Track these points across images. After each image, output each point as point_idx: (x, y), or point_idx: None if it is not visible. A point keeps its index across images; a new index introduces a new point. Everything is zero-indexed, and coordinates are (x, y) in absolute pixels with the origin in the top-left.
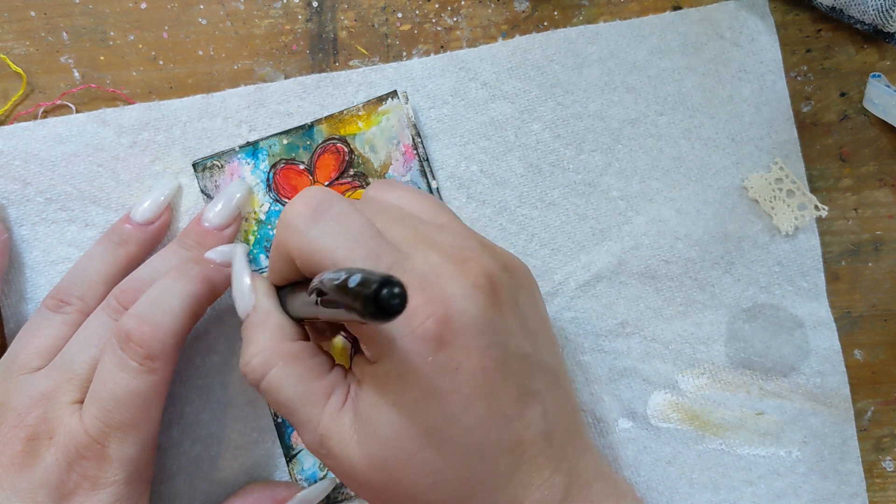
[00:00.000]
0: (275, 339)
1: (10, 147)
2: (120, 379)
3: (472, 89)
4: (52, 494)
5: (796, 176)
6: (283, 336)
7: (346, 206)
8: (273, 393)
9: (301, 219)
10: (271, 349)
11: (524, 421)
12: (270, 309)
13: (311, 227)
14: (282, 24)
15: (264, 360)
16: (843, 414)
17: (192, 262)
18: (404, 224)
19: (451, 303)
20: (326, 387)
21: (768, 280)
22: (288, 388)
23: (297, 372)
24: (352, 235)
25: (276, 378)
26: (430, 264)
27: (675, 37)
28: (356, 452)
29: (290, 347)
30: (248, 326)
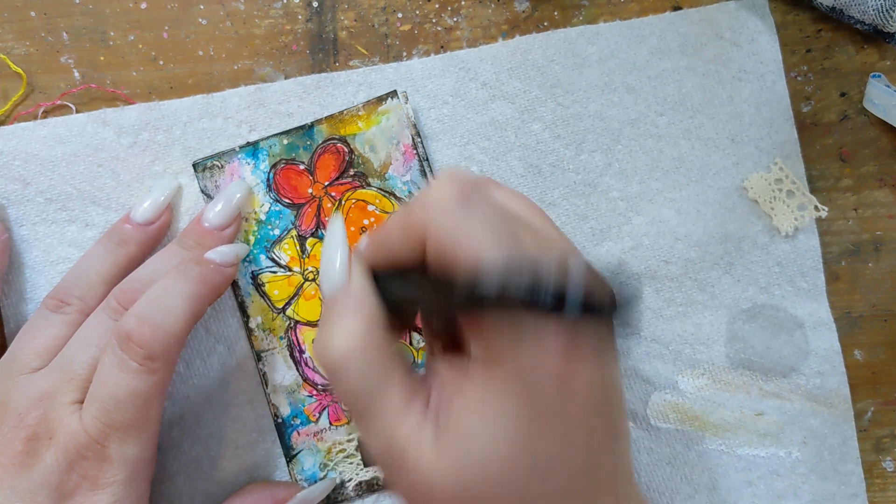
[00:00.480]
0: (365, 325)
1: (10, 147)
2: (120, 379)
3: (473, 89)
4: (52, 494)
5: (796, 176)
6: (374, 322)
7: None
8: (348, 381)
9: (450, 201)
10: (358, 333)
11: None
12: (366, 290)
13: (459, 213)
14: (282, 25)
15: (349, 346)
16: (843, 414)
17: (192, 263)
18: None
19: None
20: (409, 388)
21: (768, 280)
22: (368, 378)
23: (381, 363)
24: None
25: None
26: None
27: (676, 37)
28: (437, 466)
29: (380, 335)
30: (335, 306)
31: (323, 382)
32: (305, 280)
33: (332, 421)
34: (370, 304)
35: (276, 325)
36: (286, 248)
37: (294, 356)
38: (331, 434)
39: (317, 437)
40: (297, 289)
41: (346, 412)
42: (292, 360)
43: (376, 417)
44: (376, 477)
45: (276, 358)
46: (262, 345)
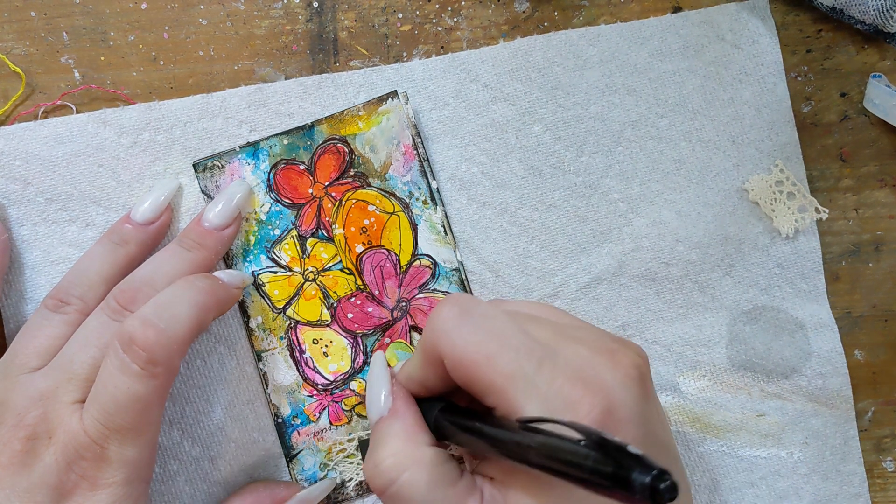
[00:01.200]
0: (410, 443)
1: (10, 147)
2: (121, 382)
3: (473, 91)
4: (51, 494)
5: (797, 178)
6: (420, 440)
7: (489, 307)
8: (404, 498)
9: (450, 319)
10: (407, 452)
11: None
12: (410, 411)
13: (461, 326)
14: (282, 25)
15: (398, 462)
16: (845, 415)
17: (202, 275)
18: (541, 324)
19: (612, 394)
20: (461, 493)
21: (768, 282)
22: (422, 493)
23: (430, 478)
24: (500, 331)
25: (409, 482)
26: (582, 357)
27: (676, 39)
28: None
29: (426, 452)
30: (382, 428)
31: (323, 382)
32: (305, 280)
33: (333, 421)
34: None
35: (277, 325)
36: (286, 248)
37: (294, 356)
38: (331, 434)
39: (317, 436)
40: (297, 289)
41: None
42: (292, 360)
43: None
44: None
45: (276, 358)
46: (263, 345)
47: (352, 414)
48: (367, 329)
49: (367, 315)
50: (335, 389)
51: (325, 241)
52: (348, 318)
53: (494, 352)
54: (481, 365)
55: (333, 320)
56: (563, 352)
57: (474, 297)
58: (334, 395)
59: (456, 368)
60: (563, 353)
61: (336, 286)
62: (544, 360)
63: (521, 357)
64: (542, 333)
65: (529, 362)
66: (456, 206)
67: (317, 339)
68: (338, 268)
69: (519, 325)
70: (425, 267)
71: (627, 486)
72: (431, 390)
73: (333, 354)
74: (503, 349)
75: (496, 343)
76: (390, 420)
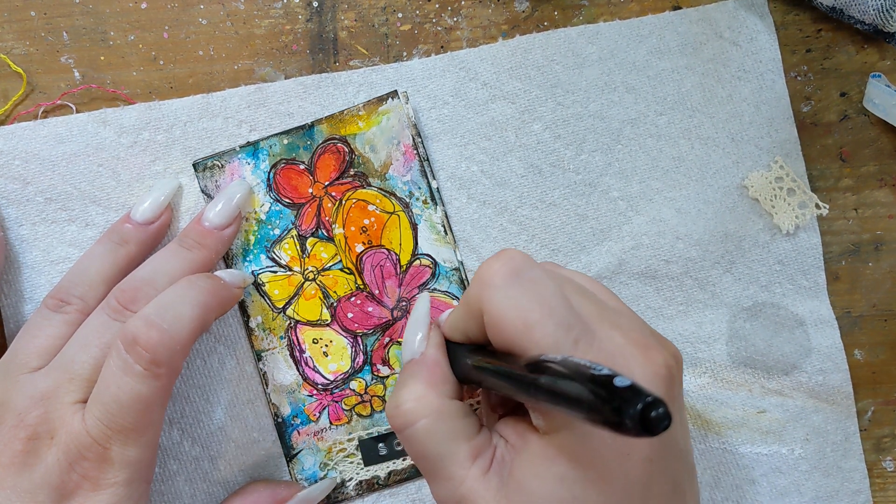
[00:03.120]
0: (434, 391)
1: (10, 147)
2: (124, 383)
3: (473, 89)
4: (53, 494)
5: (797, 174)
6: (443, 391)
7: (541, 272)
8: (418, 443)
9: (500, 276)
10: (429, 399)
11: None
12: (437, 361)
13: (510, 286)
14: (282, 24)
15: (417, 408)
16: (846, 411)
17: (203, 275)
18: (587, 297)
19: None
20: (474, 448)
21: (769, 279)
22: (437, 442)
23: (447, 428)
24: (546, 301)
25: (426, 429)
26: (616, 345)
27: (675, 37)
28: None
29: (446, 404)
30: (410, 371)
31: (323, 382)
32: (305, 280)
33: (333, 420)
34: (441, 373)
35: (276, 325)
36: (286, 247)
37: (294, 356)
38: (331, 433)
39: (317, 436)
40: (297, 288)
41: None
42: (292, 359)
43: (443, 473)
44: (376, 476)
45: (276, 358)
46: (262, 344)
47: (352, 413)
48: (367, 329)
49: (367, 315)
50: (335, 389)
51: (325, 241)
52: (348, 318)
53: (535, 321)
54: (519, 331)
55: (333, 320)
56: (600, 334)
57: (528, 257)
58: (334, 394)
59: (494, 327)
60: (600, 336)
61: (336, 286)
62: (581, 340)
63: (560, 332)
64: (585, 309)
65: (567, 338)
66: (456, 205)
67: (317, 339)
68: (338, 267)
69: (564, 296)
70: (425, 266)
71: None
72: (473, 340)
73: (333, 354)
74: (544, 319)
75: (539, 312)
76: (419, 364)
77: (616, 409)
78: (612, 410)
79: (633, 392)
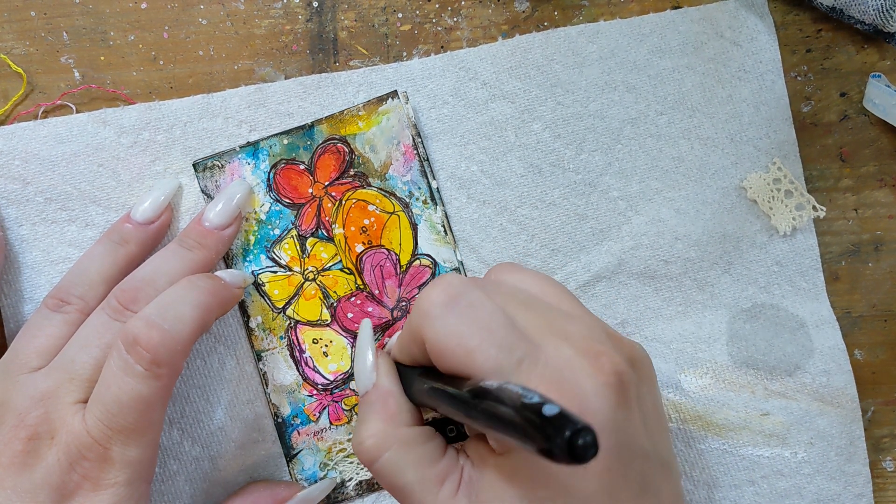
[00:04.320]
0: (391, 423)
1: (10, 147)
2: (125, 383)
3: (472, 89)
4: (54, 494)
5: (794, 176)
6: (400, 420)
7: (480, 295)
8: (386, 476)
9: (437, 305)
10: (386, 433)
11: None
12: (390, 390)
13: (446, 314)
14: (282, 25)
15: (378, 444)
16: (851, 414)
17: (204, 275)
18: (534, 310)
19: (585, 401)
20: (441, 472)
21: (767, 280)
22: (402, 473)
23: (411, 458)
24: (485, 324)
25: (390, 462)
26: (563, 358)
27: (675, 36)
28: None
29: (406, 433)
30: (366, 404)
31: (323, 382)
32: (305, 280)
33: (333, 420)
34: (396, 403)
35: (276, 325)
36: (286, 247)
37: (294, 356)
38: (331, 434)
39: (317, 436)
40: (297, 289)
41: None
42: (292, 359)
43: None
44: None
45: (276, 358)
46: (262, 345)
47: (352, 414)
48: None
49: (367, 315)
50: (335, 389)
51: (325, 241)
52: (348, 318)
53: (475, 347)
54: (460, 357)
55: (333, 320)
56: (546, 349)
57: (466, 281)
58: (334, 394)
59: (436, 355)
60: (546, 352)
61: (336, 286)
62: (524, 360)
63: (502, 355)
64: (531, 323)
65: (509, 361)
66: (455, 204)
67: (317, 339)
68: (338, 267)
69: (506, 316)
70: (425, 266)
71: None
72: (420, 363)
73: (333, 354)
74: (484, 344)
75: (478, 337)
76: (374, 396)
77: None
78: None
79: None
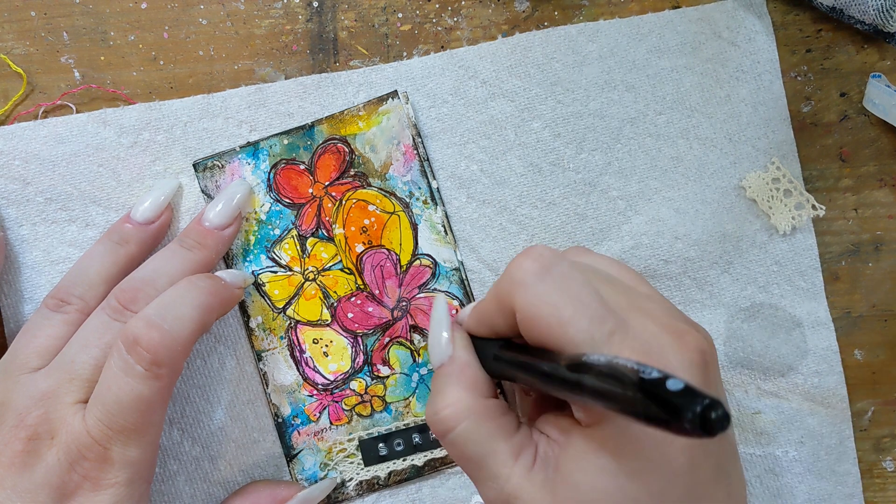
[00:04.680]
0: (468, 394)
1: (10, 147)
2: (125, 384)
3: (472, 88)
4: (54, 494)
5: (793, 176)
6: (477, 391)
7: (570, 266)
8: (460, 447)
9: (530, 274)
10: (465, 403)
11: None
12: (468, 362)
13: (539, 283)
14: (282, 25)
15: (456, 413)
16: (841, 414)
17: (204, 275)
18: (615, 287)
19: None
20: (516, 446)
21: (766, 279)
22: (477, 444)
23: (487, 429)
24: (577, 295)
25: (466, 433)
26: (649, 333)
27: (674, 35)
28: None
29: (484, 404)
30: (442, 376)
31: (323, 382)
32: (305, 280)
33: (333, 420)
34: (473, 374)
35: (277, 325)
36: (286, 247)
37: (294, 356)
38: (331, 434)
39: (317, 436)
40: (297, 289)
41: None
42: (292, 359)
43: (488, 473)
44: (377, 476)
45: (276, 358)
46: (263, 345)
47: (352, 414)
48: (368, 329)
49: (368, 315)
50: (335, 389)
51: (326, 241)
52: (348, 318)
53: (569, 317)
54: (553, 328)
55: (333, 320)
56: (633, 323)
57: (555, 252)
58: (334, 394)
59: (527, 324)
60: (633, 326)
61: (336, 286)
62: (615, 332)
63: (594, 326)
64: (616, 298)
65: (601, 332)
66: (455, 204)
67: (317, 339)
68: (338, 267)
69: (595, 289)
70: (425, 266)
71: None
72: (500, 335)
73: (333, 354)
74: (577, 315)
75: (571, 308)
76: (451, 367)
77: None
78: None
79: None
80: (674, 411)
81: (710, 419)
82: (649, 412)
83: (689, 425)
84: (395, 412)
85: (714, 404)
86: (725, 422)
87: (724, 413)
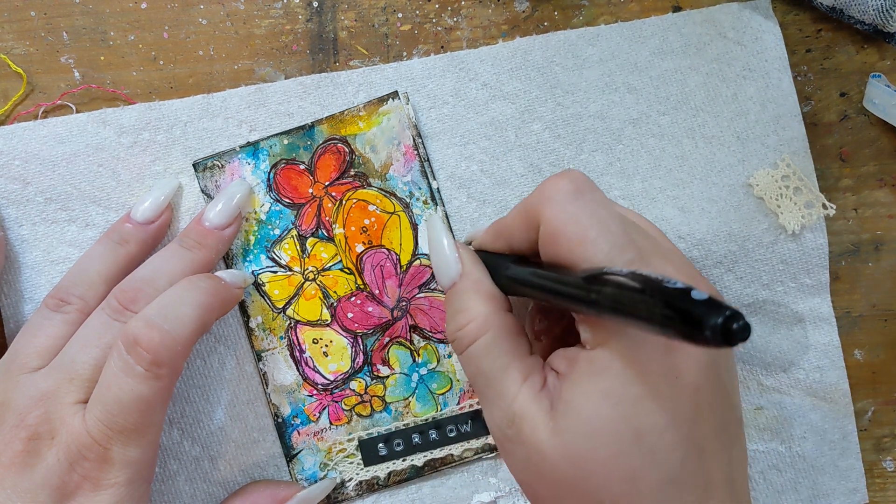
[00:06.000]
0: (489, 306)
1: (10, 147)
2: (125, 384)
3: (473, 89)
4: (54, 494)
5: (804, 173)
6: (498, 305)
7: (603, 196)
8: (477, 361)
9: (562, 192)
10: (490, 315)
11: (717, 460)
12: (481, 277)
13: (570, 201)
14: (282, 25)
15: (480, 326)
16: (843, 409)
17: (204, 276)
18: (641, 233)
19: None
20: (528, 367)
21: (771, 278)
22: (493, 358)
23: (505, 345)
24: (605, 221)
25: (485, 345)
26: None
27: (678, 37)
28: (549, 439)
29: (503, 318)
30: (458, 292)
31: (323, 382)
32: (305, 280)
33: (333, 420)
34: (489, 287)
35: (277, 325)
36: (286, 247)
37: (294, 356)
38: (331, 434)
39: (317, 436)
40: (297, 289)
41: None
42: (292, 359)
43: (498, 390)
44: (376, 476)
45: (276, 358)
46: (262, 345)
47: (352, 414)
48: (367, 328)
49: (368, 314)
50: (335, 389)
51: (325, 241)
52: (348, 318)
53: (592, 238)
54: (575, 245)
55: (333, 320)
56: (652, 263)
57: (590, 180)
58: (334, 394)
59: (550, 239)
60: (653, 265)
61: (336, 286)
62: (634, 262)
63: (614, 252)
64: (640, 239)
65: (620, 259)
66: (455, 204)
67: (317, 339)
68: (338, 267)
69: (622, 221)
70: (425, 266)
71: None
72: (513, 249)
73: (333, 354)
74: (601, 239)
75: (596, 230)
76: (465, 283)
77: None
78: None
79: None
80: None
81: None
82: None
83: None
84: (395, 412)
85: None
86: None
87: (746, 324)
